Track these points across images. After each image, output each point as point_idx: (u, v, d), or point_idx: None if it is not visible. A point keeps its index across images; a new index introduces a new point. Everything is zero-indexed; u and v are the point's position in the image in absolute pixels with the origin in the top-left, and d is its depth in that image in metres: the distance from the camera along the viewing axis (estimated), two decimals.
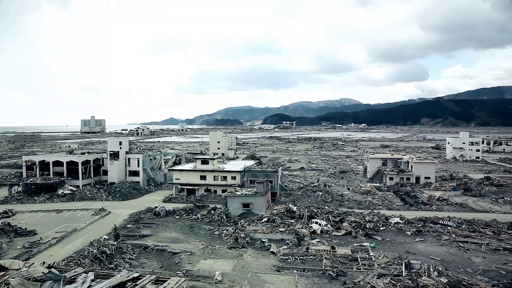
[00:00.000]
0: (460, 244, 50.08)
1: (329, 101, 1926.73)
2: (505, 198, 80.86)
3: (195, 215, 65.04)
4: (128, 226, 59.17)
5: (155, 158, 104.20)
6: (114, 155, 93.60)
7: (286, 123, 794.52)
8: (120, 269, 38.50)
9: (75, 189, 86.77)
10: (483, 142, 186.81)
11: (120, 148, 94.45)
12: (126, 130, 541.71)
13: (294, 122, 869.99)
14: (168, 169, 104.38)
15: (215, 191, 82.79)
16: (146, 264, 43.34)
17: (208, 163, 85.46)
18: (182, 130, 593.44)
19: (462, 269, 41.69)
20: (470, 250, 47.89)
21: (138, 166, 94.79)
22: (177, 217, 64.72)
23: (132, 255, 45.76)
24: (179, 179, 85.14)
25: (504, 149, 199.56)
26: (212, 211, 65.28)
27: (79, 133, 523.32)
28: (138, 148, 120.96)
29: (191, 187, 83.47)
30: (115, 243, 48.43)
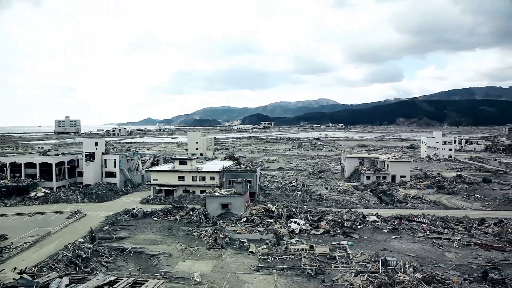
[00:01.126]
0: (434, 240, 51.54)
1: (307, 101, 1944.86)
2: (475, 195, 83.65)
3: (173, 216, 64.36)
4: (104, 228, 58.01)
5: (132, 159, 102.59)
6: (90, 156, 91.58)
7: (265, 123, 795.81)
8: (96, 273, 37.77)
9: (48, 192, 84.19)
10: (455, 141, 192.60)
11: (96, 149, 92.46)
12: (102, 130, 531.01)
13: (273, 122, 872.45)
14: (145, 170, 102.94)
15: (194, 192, 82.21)
16: (123, 267, 42.58)
17: (186, 164, 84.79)
18: (160, 130, 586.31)
19: (436, 265, 42.91)
20: (443, 246, 49.36)
21: (115, 167, 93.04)
22: (155, 218, 63.90)
23: (108, 258, 44.89)
24: (157, 180, 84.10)
25: (474, 148, 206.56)
26: (191, 212, 64.76)
27: (53, 133, 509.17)
28: (115, 149, 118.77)
29: (169, 188, 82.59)
30: (91, 246, 47.40)
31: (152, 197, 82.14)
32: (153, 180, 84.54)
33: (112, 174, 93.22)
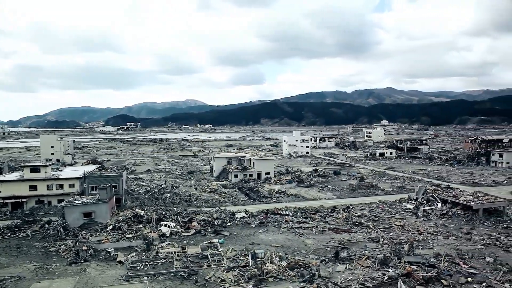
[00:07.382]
0: (296, 230, 56.65)
1: (175, 102, 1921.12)
2: (328, 186, 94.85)
3: (24, 232, 56.22)
4: None
5: None
6: None
7: (131, 125, 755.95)
8: None
9: None
10: (311, 139, 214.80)
11: None
12: None
13: (139, 123, 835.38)
14: None
15: (50, 202, 73.26)
16: None
17: (39, 171, 74.99)
18: (4, 133, 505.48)
19: (298, 252, 47.24)
20: (304, 234, 54.65)
21: None
22: None
23: None
24: (0, 192, 72.26)
25: (327, 145, 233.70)
26: (46, 225, 57.46)
27: None
28: None
29: (18, 200, 71.81)
30: None
31: None
32: None
33: None
